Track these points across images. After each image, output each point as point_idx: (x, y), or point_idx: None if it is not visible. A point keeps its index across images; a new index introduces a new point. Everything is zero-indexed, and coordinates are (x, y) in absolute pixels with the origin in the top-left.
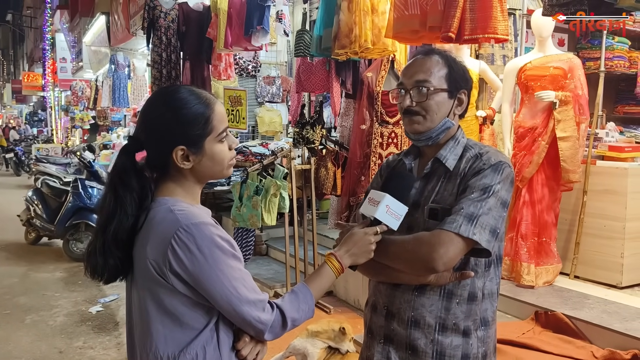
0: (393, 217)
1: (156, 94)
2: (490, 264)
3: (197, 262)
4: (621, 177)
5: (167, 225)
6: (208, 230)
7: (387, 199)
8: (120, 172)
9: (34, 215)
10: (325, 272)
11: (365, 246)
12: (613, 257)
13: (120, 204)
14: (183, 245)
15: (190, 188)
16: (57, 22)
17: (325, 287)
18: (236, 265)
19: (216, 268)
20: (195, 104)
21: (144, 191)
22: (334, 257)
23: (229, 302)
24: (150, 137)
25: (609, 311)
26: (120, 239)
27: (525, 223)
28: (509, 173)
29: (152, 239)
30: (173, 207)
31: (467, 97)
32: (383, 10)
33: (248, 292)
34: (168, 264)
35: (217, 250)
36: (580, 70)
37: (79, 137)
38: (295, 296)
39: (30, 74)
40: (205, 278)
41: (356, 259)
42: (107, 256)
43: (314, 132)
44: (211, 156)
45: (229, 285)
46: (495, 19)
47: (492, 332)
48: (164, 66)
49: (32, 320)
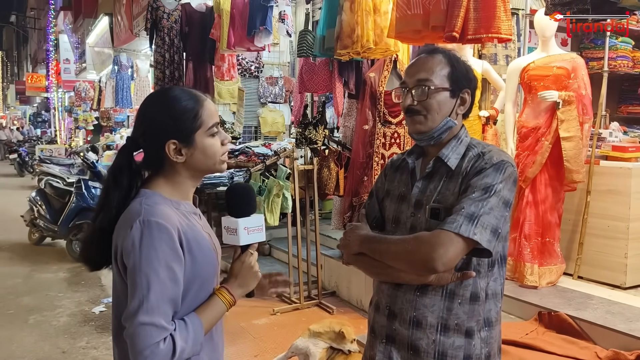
0: (256, 232)
1: (150, 95)
2: (493, 264)
3: (133, 257)
4: (625, 177)
5: (131, 214)
6: (158, 231)
7: (240, 223)
8: (115, 171)
9: (38, 216)
10: (217, 304)
11: (248, 272)
12: (617, 258)
13: (107, 198)
14: (130, 238)
15: (182, 184)
16: (60, 24)
17: (216, 319)
18: (165, 275)
19: (143, 271)
20: (185, 99)
21: (131, 187)
22: (226, 290)
23: (134, 310)
24: (145, 135)
25: (613, 312)
26: (104, 228)
27: (528, 223)
28: (512, 172)
29: (119, 225)
30: (144, 200)
31: (471, 96)
32: (385, 10)
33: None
34: (120, 249)
35: (152, 254)
36: (584, 70)
37: (82, 137)
38: (186, 328)
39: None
40: (132, 274)
41: (247, 287)
42: (92, 244)
43: (317, 132)
44: (202, 150)
45: (144, 296)
46: (499, 19)
47: (496, 332)
48: (167, 67)
49: (35, 321)
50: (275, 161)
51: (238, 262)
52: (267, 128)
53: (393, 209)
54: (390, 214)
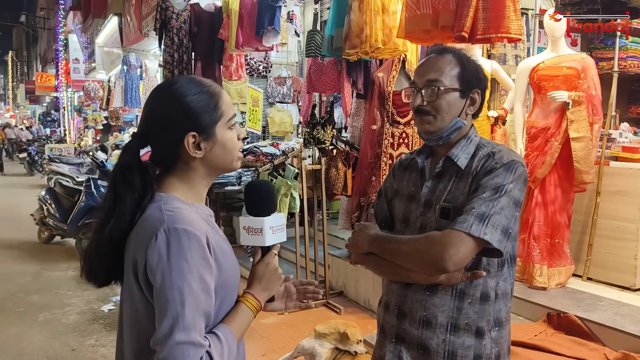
0: (279, 232)
1: (157, 88)
2: (503, 263)
3: (162, 271)
4: (635, 178)
5: (152, 223)
6: (187, 239)
7: (266, 222)
8: (124, 170)
9: (47, 215)
10: (244, 310)
11: (273, 274)
12: (626, 259)
13: (119, 202)
14: (157, 249)
15: (196, 184)
16: (70, 24)
17: (245, 327)
18: (198, 287)
19: (175, 284)
20: (202, 89)
21: (145, 189)
22: (251, 296)
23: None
24: (156, 129)
25: (623, 313)
26: (116, 239)
27: (537, 224)
28: (522, 172)
29: (137, 235)
30: (164, 206)
31: (481, 96)
32: (394, 10)
33: (196, 329)
34: (142, 263)
35: (184, 265)
36: (594, 70)
37: (91, 137)
38: (219, 342)
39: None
40: (161, 290)
41: (271, 291)
42: (101, 257)
43: (325, 132)
44: (223, 144)
45: (178, 312)
46: (508, 19)
47: (506, 332)
48: (175, 67)
49: (45, 318)
50: (283, 161)
51: (262, 265)
52: (275, 128)
53: (402, 208)
54: (400, 213)
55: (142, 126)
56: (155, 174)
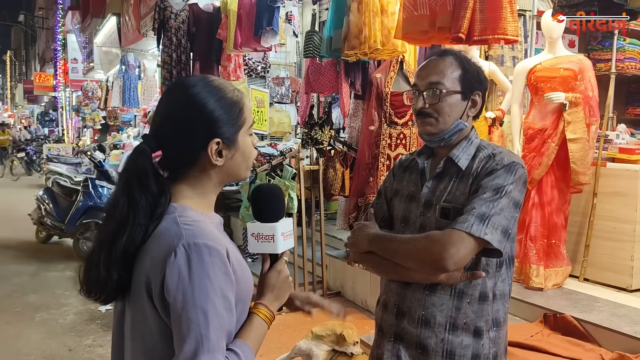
0: (289, 238)
1: (176, 88)
2: (501, 264)
3: (183, 291)
4: (631, 180)
5: (169, 238)
6: (209, 255)
7: (278, 228)
8: (140, 174)
9: (45, 214)
10: (259, 323)
11: (285, 282)
12: (623, 260)
13: (134, 209)
14: (177, 267)
15: (208, 192)
16: (68, 23)
17: (261, 339)
18: (221, 306)
19: (199, 305)
20: (226, 94)
21: (161, 195)
22: (263, 306)
23: (195, 354)
24: (176, 134)
25: (619, 314)
26: (130, 252)
27: (534, 225)
28: (522, 174)
29: (151, 251)
30: (180, 218)
31: (482, 98)
32: (392, 11)
33: (220, 351)
34: (159, 281)
35: (207, 283)
36: (591, 71)
37: (89, 137)
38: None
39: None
40: (183, 310)
41: (282, 300)
42: (111, 270)
43: (323, 132)
44: (243, 151)
45: (202, 334)
46: (505, 20)
47: (504, 333)
48: (174, 67)
49: (42, 318)
50: (281, 161)
51: (274, 273)
52: (273, 128)
53: (402, 208)
54: (399, 213)
55: (158, 129)
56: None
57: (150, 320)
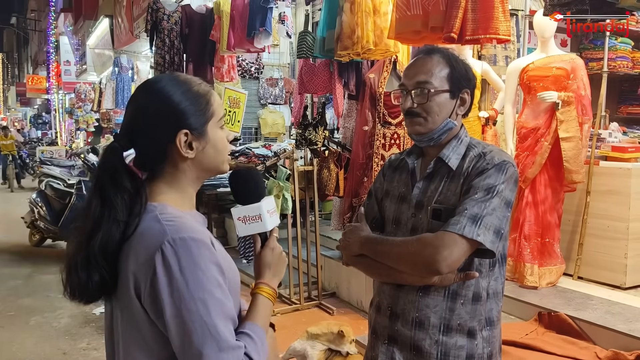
0: (274, 215)
1: (142, 86)
2: (494, 263)
3: (177, 286)
4: (624, 178)
5: (153, 236)
6: (195, 249)
7: (263, 207)
8: (111, 172)
9: (38, 217)
10: (264, 302)
11: (280, 258)
12: (616, 258)
13: (108, 208)
14: (165, 264)
15: (186, 188)
16: (61, 25)
17: (268, 318)
18: (220, 294)
19: (196, 296)
20: (192, 86)
21: (137, 193)
22: (264, 285)
23: (202, 343)
24: (144, 129)
25: (613, 312)
26: (110, 250)
27: (528, 224)
28: (513, 173)
29: (135, 251)
30: (161, 216)
31: (471, 96)
32: (385, 12)
33: (229, 334)
34: (148, 281)
35: (200, 275)
36: (583, 70)
37: (83, 139)
38: (252, 340)
39: (35, 76)
40: (178, 309)
41: (280, 275)
42: (91, 270)
43: (317, 133)
44: (214, 143)
45: (207, 322)
46: (497, 20)
47: (498, 332)
48: (167, 68)
49: (36, 322)
50: (275, 162)
51: (267, 250)
52: (267, 129)
53: (393, 209)
54: (391, 214)
55: (127, 126)
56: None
57: (140, 321)
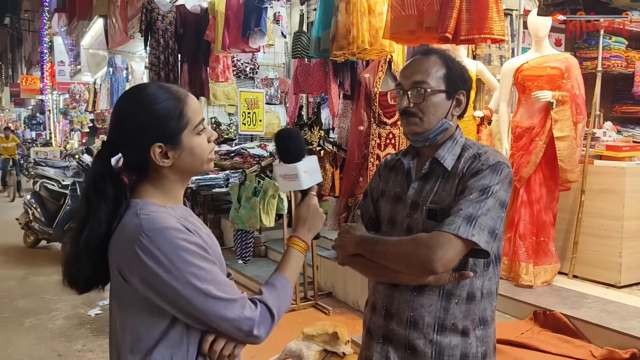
0: (314, 174)
1: (125, 94)
2: (489, 263)
3: (165, 270)
4: (619, 177)
5: (130, 230)
6: (171, 234)
7: (300, 167)
8: (95, 178)
9: (33, 219)
10: (294, 254)
11: (316, 214)
12: (611, 257)
13: (92, 211)
14: (148, 253)
15: (170, 188)
16: (55, 26)
17: (298, 269)
18: (208, 266)
19: (186, 273)
20: (166, 98)
21: (119, 197)
22: (297, 238)
23: (208, 307)
24: (124, 138)
25: (608, 310)
26: (93, 248)
27: (523, 223)
28: (508, 173)
29: (118, 244)
30: (140, 211)
31: (466, 97)
32: (380, 11)
33: (226, 292)
34: (133, 270)
35: (183, 254)
36: (577, 70)
37: (77, 140)
38: (273, 287)
39: (29, 77)
40: (175, 287)
41: (315, 230)
42: (80, 266)
43: (312, 133)
44: (190, 150)
45: (204, 289)
46: (491, 20)
47: (492, 331)
48: (161, 68)
49: (31, 324)
50: (271, 162)
51: (304, 206)
52: None
53: (389, 209)
54: (386, 214)
55: (112, 134)
56: (130, 179)
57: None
